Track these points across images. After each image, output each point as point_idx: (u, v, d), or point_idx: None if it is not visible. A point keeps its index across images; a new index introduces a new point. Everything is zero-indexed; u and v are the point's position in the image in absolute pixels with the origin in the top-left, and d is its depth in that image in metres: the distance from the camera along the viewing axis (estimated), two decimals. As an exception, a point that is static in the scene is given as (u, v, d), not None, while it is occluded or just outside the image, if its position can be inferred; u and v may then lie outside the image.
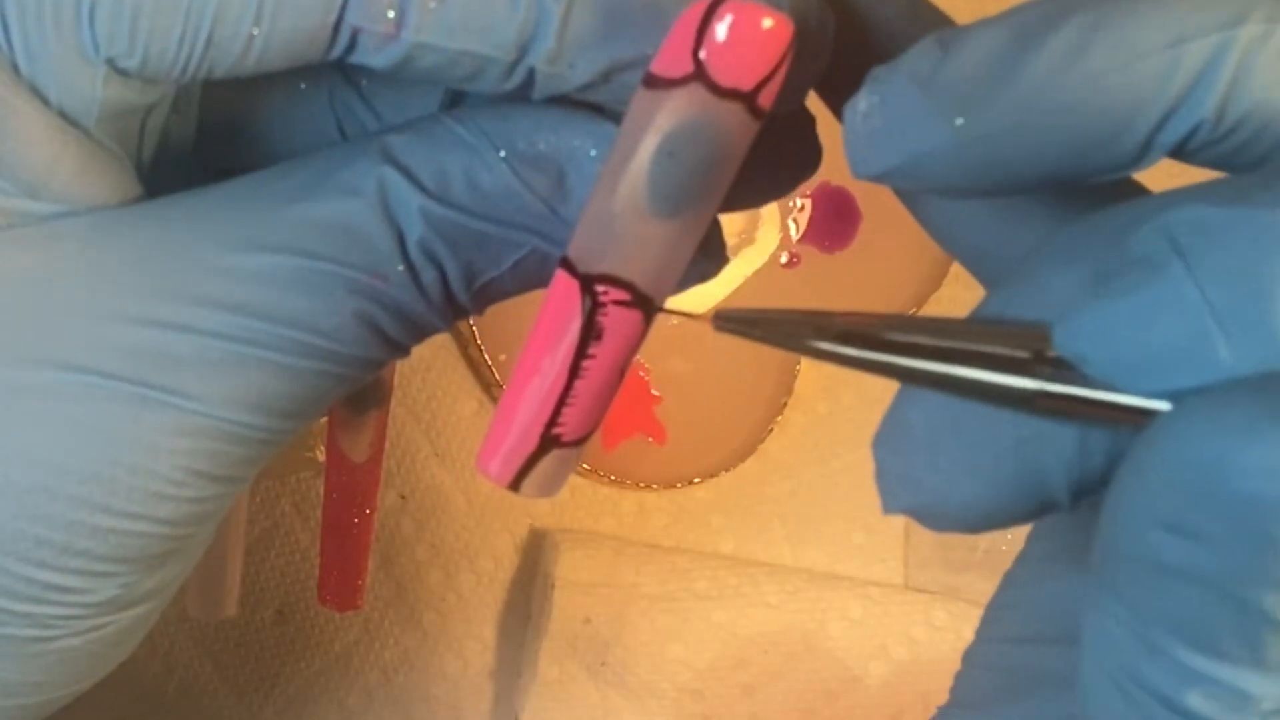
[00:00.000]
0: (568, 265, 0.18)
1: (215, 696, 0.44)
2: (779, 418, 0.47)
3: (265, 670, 0.45)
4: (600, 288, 0.18)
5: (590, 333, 0.18)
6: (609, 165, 0.18)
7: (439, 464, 0.45)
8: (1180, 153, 0.16)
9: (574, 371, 0.18)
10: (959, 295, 0.48)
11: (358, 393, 0.39)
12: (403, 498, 0.45)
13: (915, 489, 0.17)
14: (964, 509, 0.16)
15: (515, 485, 0.19)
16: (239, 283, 0.19)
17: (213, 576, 0.41)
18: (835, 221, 0.47)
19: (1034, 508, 0.16)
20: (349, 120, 0.22)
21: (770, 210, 0.47)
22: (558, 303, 0.18)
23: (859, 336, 0.16)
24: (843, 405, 0.50)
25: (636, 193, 0.18)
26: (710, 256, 0.21)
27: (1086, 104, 0.15)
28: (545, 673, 0.44)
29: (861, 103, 0.17)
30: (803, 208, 0.47)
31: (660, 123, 0.17)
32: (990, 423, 0.16)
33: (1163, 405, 0.14)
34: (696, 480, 0.46)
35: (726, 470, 0.47)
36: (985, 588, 0.46)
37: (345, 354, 0.19)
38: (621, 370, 0.19)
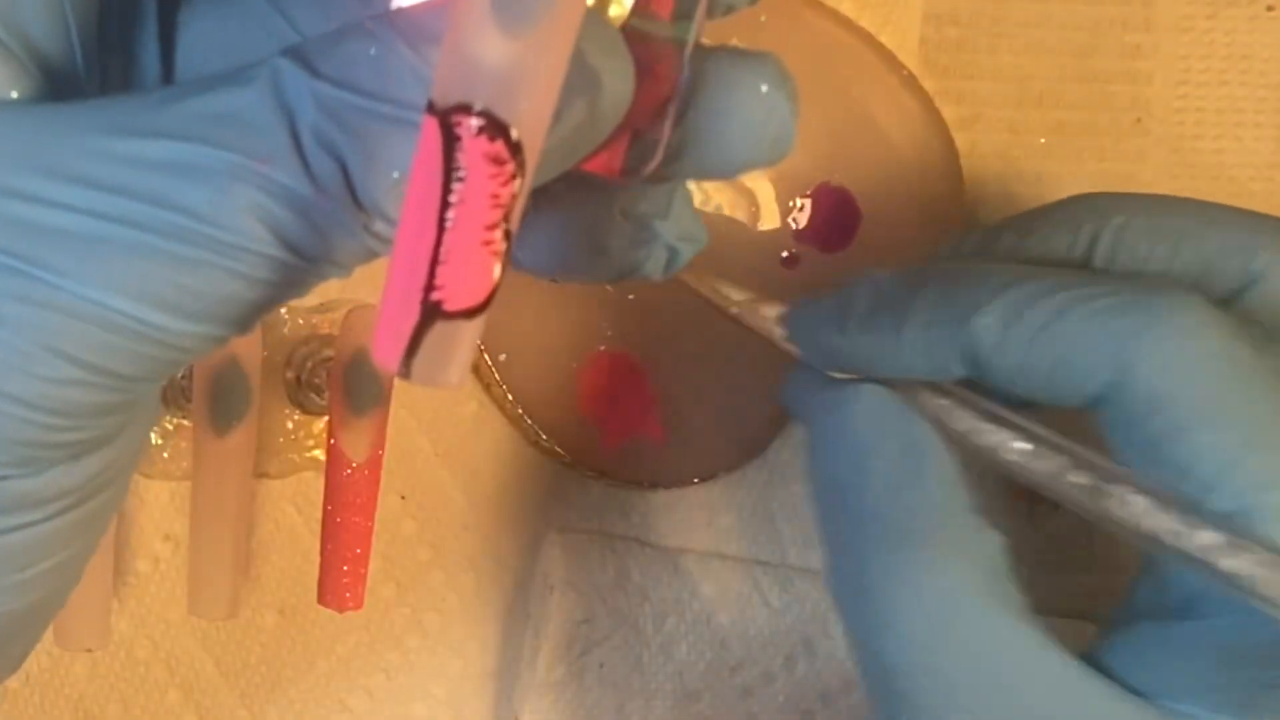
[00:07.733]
0: (430, 107, 0.17)
1: (216, 697, 0.44)
2: (781, 417, 0.47)
3: (267, 671, 0.45)
4: (455, 118, 0.17)
5: (451, 173, 0.17)
6: None
7: (439, 464, 0.45)
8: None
9: (442, 223, 0.17)
10: (959, 295, 0.48)
11: (358, 393, 0.39)
12: (403, 498, 0.45)
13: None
14: None
15: (405, 368, 0.18)
16: (111, 163, 0.19)
17: (212, 576, 0.41)
18: (835, 221, 0.47)
19: None
20: None
21: (770, 208, 0.47)
22: (423, 150, 0.17)
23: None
24: (843, 405, 0.50)
25: (478, 4, 0.16)
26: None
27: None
28: (545, 673, 0.44)
29: None
30: (802, 208, 0.47)
31: None
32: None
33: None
34: (696, 480, 0.46)
35: (726, 470, 0.47)
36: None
37: (236, 245, 0.19)
38: (498, 225, 0.18)
